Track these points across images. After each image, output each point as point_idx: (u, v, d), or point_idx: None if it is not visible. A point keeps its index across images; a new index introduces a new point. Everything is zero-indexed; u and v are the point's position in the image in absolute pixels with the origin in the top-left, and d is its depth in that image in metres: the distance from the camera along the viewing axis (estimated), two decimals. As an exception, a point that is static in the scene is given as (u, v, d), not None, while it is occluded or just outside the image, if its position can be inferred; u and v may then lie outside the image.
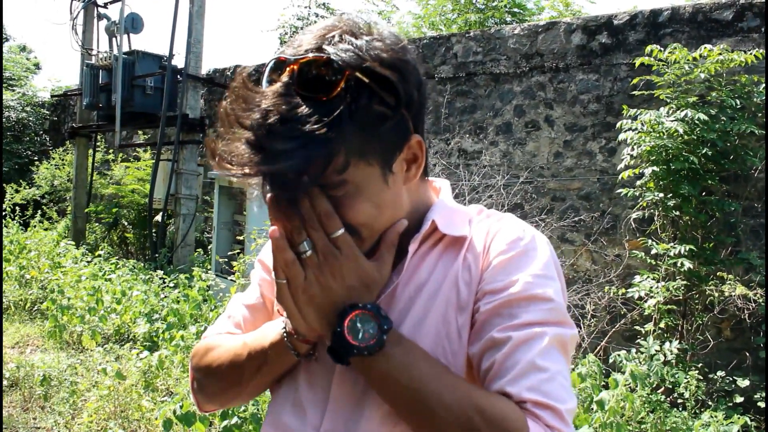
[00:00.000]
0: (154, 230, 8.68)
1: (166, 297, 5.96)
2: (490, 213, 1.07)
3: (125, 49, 9.12)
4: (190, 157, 8.47)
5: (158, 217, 8.73)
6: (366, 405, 0.96)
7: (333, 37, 0.88)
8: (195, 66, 8.30)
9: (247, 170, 0.83)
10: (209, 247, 7.99)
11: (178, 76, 8.61)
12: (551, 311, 0.93)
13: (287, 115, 0.82)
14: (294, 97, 0.83)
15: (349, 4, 39.87)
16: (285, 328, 0.97)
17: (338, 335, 0.88)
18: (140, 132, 11.06)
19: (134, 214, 9.53)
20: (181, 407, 3.27)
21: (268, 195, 0.87)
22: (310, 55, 0.86)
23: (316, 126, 0.81)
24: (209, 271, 6.15)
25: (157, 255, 8.40)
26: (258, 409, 2.92)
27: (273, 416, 1.05)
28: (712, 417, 3.31)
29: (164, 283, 6.58)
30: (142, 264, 8.03)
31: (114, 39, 9.35)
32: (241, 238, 6.08)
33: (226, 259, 6.08)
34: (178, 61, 8.82)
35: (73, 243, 8.82)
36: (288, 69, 0.86)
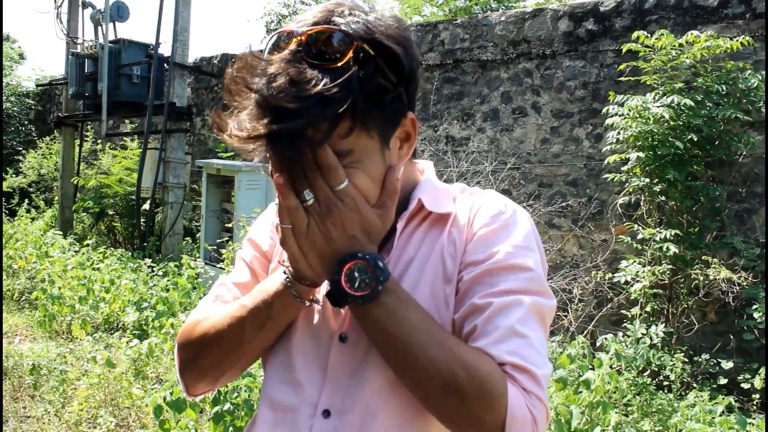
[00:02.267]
0: (142, 219, 8.66)
1: (155, 285, 5.96)
2: (473, 191, 1.10)
3: (111, 37, 9.04)
4: (177, 146, 8.44)
5: (146, 206, 8.70)
6: (363, 379, 0.98)
7: (342, 11, 0.92)
8: (182, 54, 8.26)
9: (255, 132, 0.84)
10: (197, 235, 7.98)
11: (165, 65, 8.56)
12: (531, 280, 0.97)
13: (296, 77, 0.84)
14: (301, 63, 0.86)
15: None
16: (287, 275, 0.98)
17: (335, 283, 0.92)
18: (127, 121, 11.00)
19: (122, 203, 9.49)
20: (171, 394, 3.28)
21: (270, 153, 0.89)
22: (320, 26, 0.89)
23: (325, 87, 0.84)
24: (198, 259, 6.16)
25: (145, 244, 8.38)
26: (250, 396, 2.94)
27: (269, 397, 1.06)
28: (697, 397, 3.36)
29: (153, 271, 6.58)
30: (130, 253, 8.01)
31: (99, 27, 9.27)
32: (230, 225, 6.08)
33: (215, 247, 6.09)
34: (165, 50, 8.76)
35: (61, 233, 8.78)
36: (295, 39, 0.88)
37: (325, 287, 1.02)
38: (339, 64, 0.86)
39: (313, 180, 0.89)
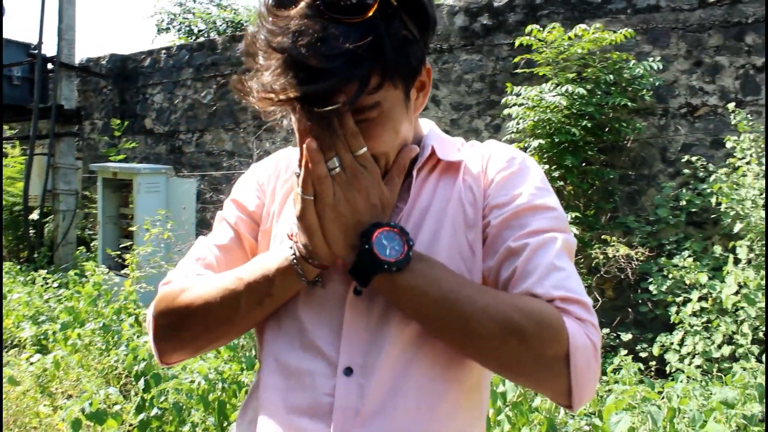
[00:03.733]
0: (30, 230, 8.16)
1: (51, 298, 5.65)
2: (473, 143, 1.13)
3: (-15, 36, 8.46)
4: (67, 151, 8.01)
5: (34, 215, 8.21)
6: (385, 335, 0.95)
7: None
8: (68, 54, 7.84)
9: (287, 93, 0.81)
10: (92, 243, 7.62)
11: (49, 65, 8.10)
12: (556, 219, 0.98)
13: (322, 34, 0.80)
14: (322, 18, 0.81)
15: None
16: (294, 252, 0.93)
17: (366, 253, 0.88)
18: (6, 126, 10.32)
19: (5, 214, 8.89)
20: (90, 405, 3.14)
21: (299, 115, 0.85)
22: None
23: (354, 44, 0.80)
24: (99, 268, 5.88)
25: (35, 255, 7.91)
26: (178, 398, 2.86)
27: (278, 363, 0.99)
28: (623, 360, 3.58)
29: (47, 283, 6.22)
30: (19, 266, 7.54)
31: (-29, 26, 8.64)
32: (132, 229, 5.85)
33: (119, 252, 5.84)
34: (48, 50, 8.30)
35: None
36: None
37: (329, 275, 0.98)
38: (365, 18, 0.82)
39: (338, 146, 0.87)
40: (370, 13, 0.82)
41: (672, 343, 4.30)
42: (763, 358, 3.51)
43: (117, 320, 4.46)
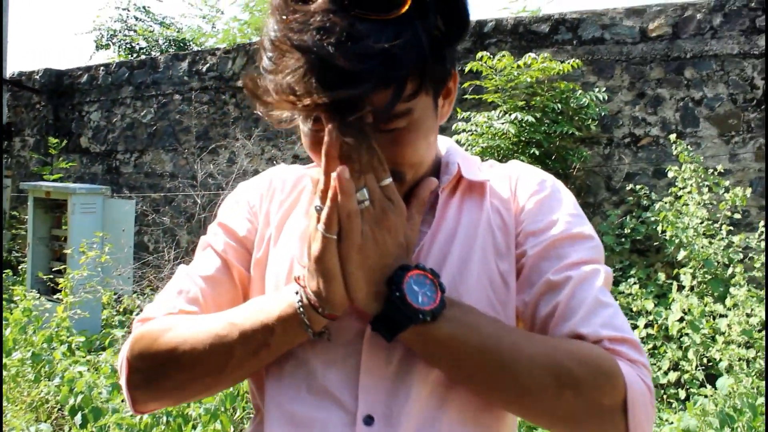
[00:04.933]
0: (-48, 251, 7.70)
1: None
2: (492, 163, 1.03)
3: None
4: (-5, 168, 7.63)
5: (-44, 237, 7.76)
6: (411, 381, 0.83)
7: None
8: (-2, 67, 7.51)
9: (315, 99, 0.69)
10: (20, 266, 7.24)
11: (-23, 79, 7.74)
12: (594, 249, 0.90)
13: (351, 31, 0.69)
14: (348, 14, 0.71)
15: (172, 8, 38.27)
16: (301, 298, 0.79)
17: (398, 300, 0.75)
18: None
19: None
20: (19, 441, 2.91)
21: (327, 131, 0.73)
22: None
23: (390, 43, 0.70)
24: (30, 292, 5.56)
25: (-44, 279, 7.45)
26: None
27: (283, 412, 0.86)
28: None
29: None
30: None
31: None
32: (67, 251, 5.56)
33: (52, 275, 5.54)
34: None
35: None
36: None
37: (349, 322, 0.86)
38: (398, 15, 0.71)
39: (368, 175, 0.75)
40: (404, 10, 0.72)
41: (619, 370, 4.34)
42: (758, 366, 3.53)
43: (48, 349, 4.19)
